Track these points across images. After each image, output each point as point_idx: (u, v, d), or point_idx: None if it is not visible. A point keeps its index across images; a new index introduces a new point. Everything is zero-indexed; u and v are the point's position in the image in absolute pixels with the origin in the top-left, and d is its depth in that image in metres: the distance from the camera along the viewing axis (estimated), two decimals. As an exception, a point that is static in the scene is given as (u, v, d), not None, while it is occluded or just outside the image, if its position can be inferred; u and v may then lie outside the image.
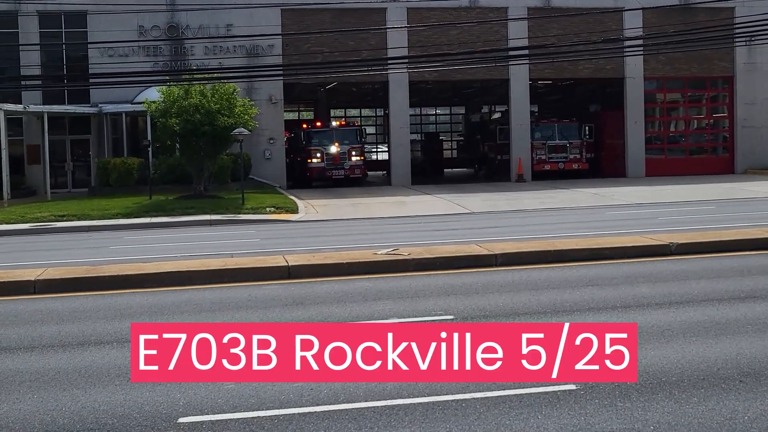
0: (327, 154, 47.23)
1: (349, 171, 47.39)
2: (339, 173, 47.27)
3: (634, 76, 48.53)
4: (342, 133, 48.34)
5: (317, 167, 47.19)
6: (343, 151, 47.32)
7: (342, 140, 47.58)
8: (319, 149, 47.39)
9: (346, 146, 47.38)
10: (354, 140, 48.23)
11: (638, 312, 12.44)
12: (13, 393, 9.40)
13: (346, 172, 47.34)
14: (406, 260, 17.11)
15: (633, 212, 29.93)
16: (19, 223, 32.12)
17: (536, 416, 8.13)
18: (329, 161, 47.16)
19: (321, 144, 47.51)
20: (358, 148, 48.20)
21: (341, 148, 47.26)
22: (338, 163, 47.12)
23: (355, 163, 47.59)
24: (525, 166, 48.27)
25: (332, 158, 47.17)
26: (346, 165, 47.17)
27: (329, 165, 47.12)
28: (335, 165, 47.10)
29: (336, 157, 47.15)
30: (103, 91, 42.67)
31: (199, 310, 13.71)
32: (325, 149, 47.28)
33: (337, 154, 47.18)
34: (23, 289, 15.79)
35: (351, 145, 47.59)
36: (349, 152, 47.36)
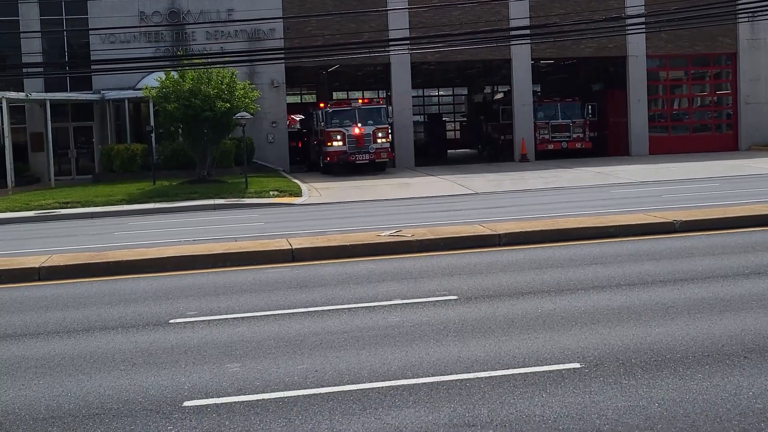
0: (349, 137, 41.81)
1: (375, 155, 42.09)
2: (363, 158, 41.93)
3: (637, 55, 48.38)
4: (365, 112, 42.73)
5: (338, 151, 41.87)
6: (368, 132, 41.92)
7: (365, 120, 42.19)
8: (339, 131, 41.90)
9: (370, 126, 42.02)
10: (379, 120, 42.67)
11: (642, 290, 12.42)
12: (18, 379, 9.42)
13: (371, 156, 42.04)
14: (409, 241, 17.09)
15: (637, 190, 29.87)
16: (24, 210, 32.15)
17: (540, 395, 8.12)
18: (352, 144, 41.79)
19: (342, 125, 41.99)
20: (383, 129, 42.64)
21: (365, 128, 41.91)
22: (362, 147, 41.74)
23: (381, 145, 42.31)
24: (528, 146, 48.20)
25: (355, 141, 41.81)
26: (371, 148, 41.90)
27: (352, 149, 41.76)
28: (359, 149, 41.76)
29: (359, 139, 41.78)
30: (105, 77, 42.67)
31: (203, 294, 13.71)
32: (347, 130, 41.83)
33: (360, 136, 41.80)
34: (28, 276, 15.81)
35: (376, 126, 42.18)
36: (374, 133, 42.05)
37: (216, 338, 10.80)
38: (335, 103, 44.57)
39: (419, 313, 11.58)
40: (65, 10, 44.54)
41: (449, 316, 11.30)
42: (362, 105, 43.78)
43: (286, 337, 10.59)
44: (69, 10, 44.49)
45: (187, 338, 10.87)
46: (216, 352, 10.06)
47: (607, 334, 10.06)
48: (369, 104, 44.18)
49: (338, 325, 11.15)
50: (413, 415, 7.74)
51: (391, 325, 10.95)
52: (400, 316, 11.49)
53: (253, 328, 11.23)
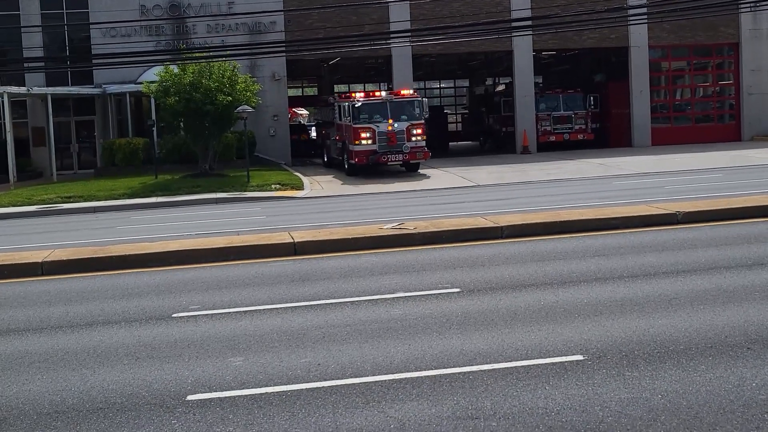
0: (380, 134, 36.48)
1: (410, 155, 36.87)
2: (396, 158, 36.87)
3: (639, 45, 48.29)
4: (398, 106, 37.22)
5: (366, 151, 36.56)
6: (401, 128, 36.68)
7: (398, 115, 37.01)
8: (369, 127, 36.56)
9: (404, 122, 36.83)
10: (414, 114, 37.36)
11: (645, 281, 12.41)
12: (22, 374, 9.43)
13: (405, 156, 36.87)
14: (412, 234, 17.09)
15: (639, 182, 29.85)
16: (26, 205, 32.16)
17: (544, 387, 8.13)
18: (382, 143, 36.47)
19: (371, 120, 36.76)
20: (419, 126, 37.27)
21: (398, 125, 36.70)
22: (394, 146, 36.47)
23: (416, 144, 36.95)
24: (530, 138, 48.14)
25: (386, 139, 36.45)
26: (404, 147, 36.52)
27: (383, 148, 36.46)
28: (390, 148, 36.48)
29: (392, 137, 36.43)
30: (106, 71, 42.59)
31: (206, 287, 13.72)
32: (377, 127, 36.57)
33: (392, 134, 36.46)
34: (31, 271, 15.82)
35: (410, 122, 36.93)
36: (408, 130, 36.75)
37: (219, 332, 10.81)
38: (364, 95, 38.57)
39: (422, 306, 11.58)
40: (65, 4, 44.49)
41: (452, 309, 11.30)
42: (395, 97, 37.87)
43: (288, 331, 10.60)
44: (69, 4, 44.44)
45: (191, 332, 10.88)
46: (219, 346, 10.07)
47: (610, 326, 10.06)
48: (403, 96, 38.11)
49: (341, 318, 11.16)
50: (416, 408, 7.75)
51: (394, 318, 10.96)
52: (403, 309, 11.49)
53: (255, 322, 11.23)
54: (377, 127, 36.47)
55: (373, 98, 37.83)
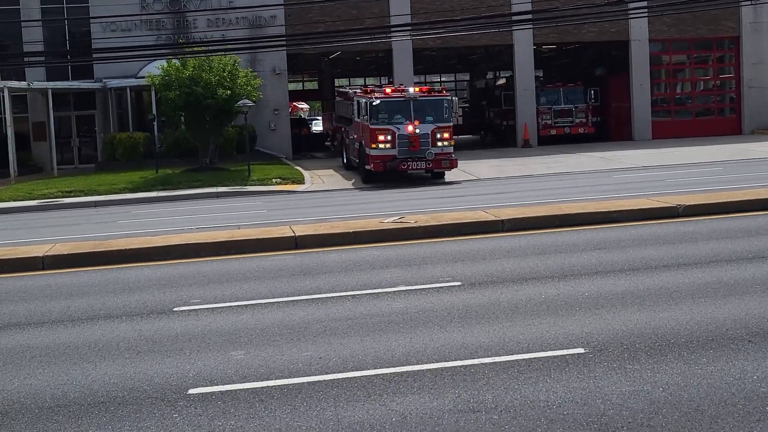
0: (400, 137, 31.72)
1: (434, 163, 32.09)
2: (418, 166, 32.16)
3: (639, 39, 48.24)
4: (423, 105, 32.55)
5: (384, 156, 31.75)
6: (425, 131, 31.88)
7: (423, 116, 32.32)
8: (388, 129, 31.86)
9: (428, 125, 32.12)
10: (441, 115, 32.58)
11: (646, 274, 12.41)
12: (24, 368, 9.44)
13: (429, 164, 32.09)
14: (412, 228, 17.09)
15: (640, 175, 29.86)
16: (27, 199, 32.18)
17: (545, 380, 8.13)
18: (403, 147, 31.68)
19: (391, 121, 32.13)
20: (446, 129, 32.56)
21: (421, 127, 31.90)
22: (417, 151, 31.67)
23: (442, 150, 32.13)
24: (531, 132, 48.13)
25: (408, 143, 31.64)
26: (428, 154, 31.73)
27: (403, 153, 31.70)
28: (412, 153, 31.72)
29: (414, 141, 31.62)
30: (106, 66, 42.55)
31: (207, 281, 13.72)
32: (397, 129, 31.84)
33: (415, 137, 31.64)
34: (32, 265, 15.82)
35: (437, 124, 32.21)
36: (433, 134, 31.96)
37: (220, 326, 10.82)
38: (384, 92, 33.76)
39: (423, 300, 11.59)
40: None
41: (453, 302, 11.31)
42: (420, 95, 33.04)
43: (290, 325, 10.60)
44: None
45: (192, 326, 10.88)
46: (220, 340, 10.07)
47: (611, 319, 10.06)
48: (429, 95, 33.52)
49: (342, 312, 11.16)
50: (418, 401, 7.75)
51: (395, 312, 10.96)
52: (404, 302, 11.50)
53: (257, 316, 11.23)
54: (398, 129, 31.77)
55: (394, 95, 32.85)
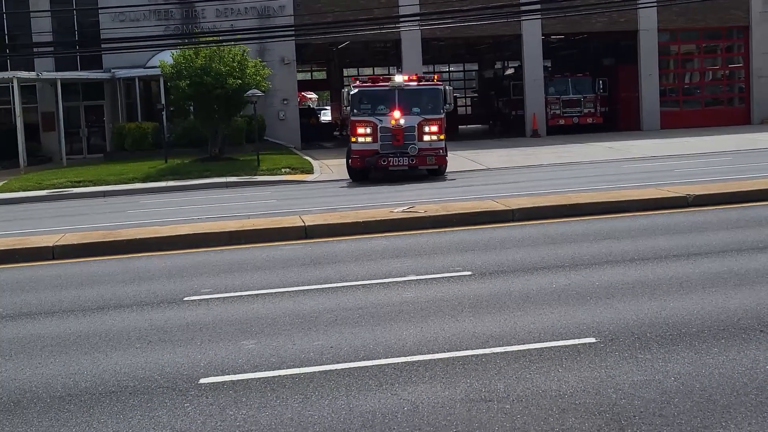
0: (382, 130, 28.81)
1: (418, 160, 28.89)
2: (400, 162, 28.86)
3: (648, 29, 48.09)
4: (411, 95, 29.49)
5: (365, 151, 29.15)
6: (410, 124, 28.79)
7: (410, 106, 29.26)
8: (369, 121, 29.05)
9: (415, 117, 29.01)
10: (430, 107, 29.50)
11: (656, 264, 12.39)
12: (35, 357, 9.45)
13: (412, 160, 28.87)
14: (422, 217, 17.08)
15: (649, 165, 29.79)
16: (36, 189, 32.23)
17: (557, 369, 8.12)
18: (386, 141, 28.82)
19: (374, 112, 29.35)
20: (435, 122, 29.25)
21: (407, 119, 28.83)
22: (401, 146, 28.72)
23: (430, 145, 29.02)
24: (540, 122, 48.06)
25: (391, 137, 28.74)
26: (411, 149, 28.61)
27: (386, 148, 28.82)
28: (396, 149, 28.78)
29: (398, 134, 28.66)
30: (115, 56, 42.58)
31: (217, 271, 13.73)
32: (379, 121, 28.96)
33: (399, 130, 28.65)
34: (42, 255, 15.85)
35: (424, 116, 29.10)
36: (420, 127, 28.84)
37: (231, 315, 10.83)
38: (367, 80, 31.74)
39: (434, 289, 11.59)
40: (75, -12, 44.52)
41: (464, 292, 11.30)
42: (406, 84, 29.82)
43: (301, 314, 10.60)
44: (79, -11, 44.47)
45: (202, 315, 10.89)
46: (231, 329, 10.08)
47: (622, 308, 10.04)
48: (417, 83, 30.22)
49: (353, 301, 11.16)
50: (429, 390, 7.75)
51: (406, 301, 10.96)
52: (415, 292, 11.50)
53: (267, 305, 11.24)
54: (380, 122, 28.90)
55: (379, 85, 30.36)
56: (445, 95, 29.61)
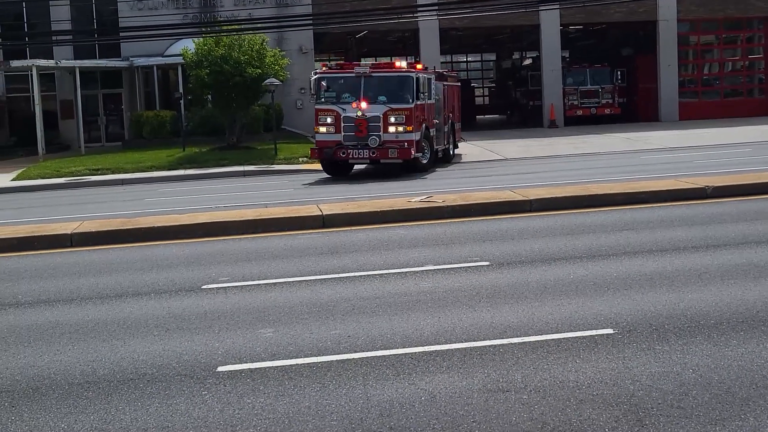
0: (345, 120, 27.14)
1: (379, 153, 27.01)
2: (360, 155, 27.29)
3: (668, 19, 47.88)
4: (378, 83, 27.62)
5: (327, 143, 27.45)
6: (375, 114, 26.94)
7: (376, 95, 27.42)
8: (332, 111, 27.43)
9: (381, 106, 27.11)
10: (399, 96, 27.35)
11: (674, 255, 12.34)
12: (53, 344, 9.49)
13: (372, 153, 27.11)
14: (440, 207, 17.07)
15: (667, 156, 29.69)
16: (55, 177, 32.37)
17: (574, 360, 8.10)
18: (349, 133, 27.09)
19: (338, 101, 27.67)
20: (402, 112, 27.10)
21: (371, 109, 27.00)
22: (364, 137, 26.92)
23: (396, 138, 26.98)
24: (557, 112, 47.94)
25: (354, 127, 26.98)
26: (371, 141, 26.85)
27: (350, 140, 27.11)
28: (359, 140, 27.00)
29: (361, 125, 26.87)
30: (133, 44, 42.66)
31: (235, 259, 13.76)
32: (343, 111, 27.26)
33: (362, 121, 26.88)
34: (60, 243, 15.92)
35: (391, 105, 27.10)
36: (385, 118, 26.95)
37: (249, 304, 10.85)
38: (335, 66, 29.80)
39: (451, 279, 11.58)
40: (94, -23, 44.60)
41: (481, 282, 11.29)
42: (374, 71, 27.99)
43: (318, 303, 10.61)
44: (97, -23, 44.56)
45: (220, 304, 10.92)
46: (249, 318, 10.10)
47: (640, 299, 10.01)
48: (385, 70, 28.41)
49: (370, 290, 11.16)
50: (447, 380, 7.75)
51: (423, 291, 10.95)
52: (432, 282, 11.49)
53: (285, 294, 11.25)
54: (343, 111, 27.20)
55: (344, 72, 28.37)
56: (417, 84, 27.43)
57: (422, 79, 27.91)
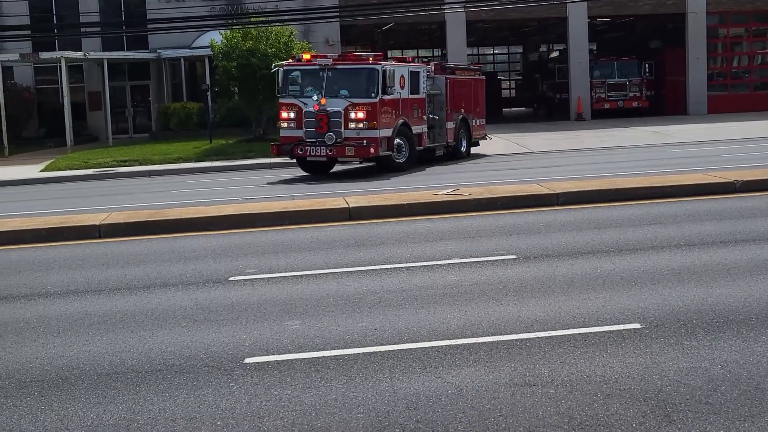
0: (306, 115, 25.70)
1: (336, 150, 25.38)
2: (317, 152, 25.67)
3: (696, 11, 47.57)
4: (341, 76, 25.89)
5: (289, 139, 26.18)
6: (336, 109, 25.40)
7: (338, 89, 25.78)
8: (293, 105, 26.13)
9: (342, 101, 25.49)
10: (361, 90, 25.64)
11: (702, 250, 12.28)
12: (82, 335, 9.55)
13: (329, 150, 25.42)
14: (466, 200, 17.05)
15: (695, 150, 29.52)
16: (83, 168, 32.56)
17: (601, 355, 8.08)
18: (310, 128, 25.61)
19: (302, 95, 26.14)
20: (365, 107, 25.42)
21: (332, 103, 25.46)
22: (323, 133, 25.34)
23: (358, 134, 25.36)
24: (584, 105, 47.75)
25: (314, 122, 25.54)
26: (328, 138, 25.25)
27: (311, 136, 25.61)
28: (318, 136, 25.48)
29: (321, 120, 25.41)
30: (161, 36, 42.84)
31: (262, 251, 13.80)
32: (304, 105, 25.81)
33: (323, 116, 25.41)
34: (88, 234, 16.01)
35: (352, 100, 25.43)
36: (346, 113, 25.39)
37: (276, 296, 10.88)
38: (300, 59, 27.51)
39: (478, 273, 11.56)
40: (121, -32, 44.79)
41: (508, 276, 11.27)
42: (336, 64, 26.12)
43: (344, 295, 10.63)
44: (125, -31, 44.74)
45: (247, 295, 10.95)
46: (276, 310, 10.12)
47: (668, 294, 9.97)
48: (348, 63, 26.48)
49: (396, 283, 11.16)
50: (473, 374, 7.74)
51: (450, 284, 10.95)
52: (459, 275, 11.48)
53: (312, 286, 11.27)
54: (305, 105, 25.75)
55: (308, 64, 26.59)
56: (384, 77, 25.58)
57: (389, 71, 25.85)
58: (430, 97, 28.87)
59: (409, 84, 27.18)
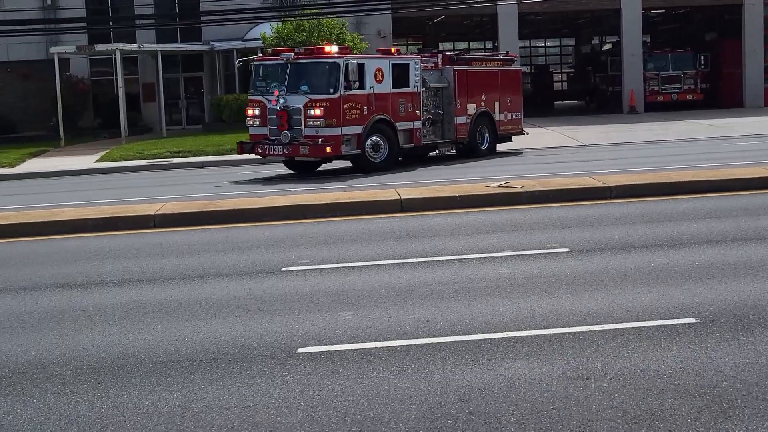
0: (270, 112, 24.64)
1: (291, 149, 24.26)
2: (275, 151, 24.79)
3: (754, 2, 46.92)
4: (302, 71, 24.54)
5: (256, 136, 25.48)
6: (296, 105, 24.15)
7: (297, 84, 24.43)
8: (258, 102, 25.15)
9: (300, 97, 24.16)
10: (322, 86, 24.30)
11: (759, 245, 12.14)
12: (137, 323, 9.66)
13: (285, 149, 24.45)
14: (519, 193, 16.99)
15: (752, 143, 29.15)
16: (137, 159, 32.86)
17: (655, 349, 8.02)
18: (273, 126, 24.54)
19: (268, 91, 24.97)
20: (325, 103, 24.01)
21: (294, 100, 24.20)
22: (284, 131, 24.22)
23: (317, 132, 23.97)
24: (637, 98, 47.33)
25: (276, 119, 24.46)
26: (283, 136, 24.18)
27: (274, 133, 24.54)
28: (278, 134, 24.39)
29: (282, 117, 24.30)
30: (214, 28, 43.11)
31: (314, 243, 13.85)
32: (268, 102, 24.69)
33: (283, 113, 24.29)
34: (143, 224, 16.17)
35: (311, 96, 24.04)
36: (305, 109, 24.02)
37: (327, 286, 10.93)
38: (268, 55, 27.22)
39: (530, 265, 11.53)
40: (176, -39, 45.11)
41: (561, 269, 11.22)
42: (299, 58, 24.77)
43: (396, 287, 10.65)
44: (179, -38, 45.06)
45: (300, 286, 11.01)
46: (328, 300, 10.17)
47: (723, 289, 9.87)
48: (311, 57, 25.02)
49: (448, 275, 11.16)
50: (526, 367, 7.73)
51: (502, 277, 10.93)
52: (511, 267, 11.45)
53: (363, 278, 11.31)
54: (268, 102, 24.69)
55: (271, 57, 26.06)
56: (347, 72, 24.04)
57: (352, 65, 24.22)
58: (435, 90, 27.45)
59: (392, 78, 25.53)
